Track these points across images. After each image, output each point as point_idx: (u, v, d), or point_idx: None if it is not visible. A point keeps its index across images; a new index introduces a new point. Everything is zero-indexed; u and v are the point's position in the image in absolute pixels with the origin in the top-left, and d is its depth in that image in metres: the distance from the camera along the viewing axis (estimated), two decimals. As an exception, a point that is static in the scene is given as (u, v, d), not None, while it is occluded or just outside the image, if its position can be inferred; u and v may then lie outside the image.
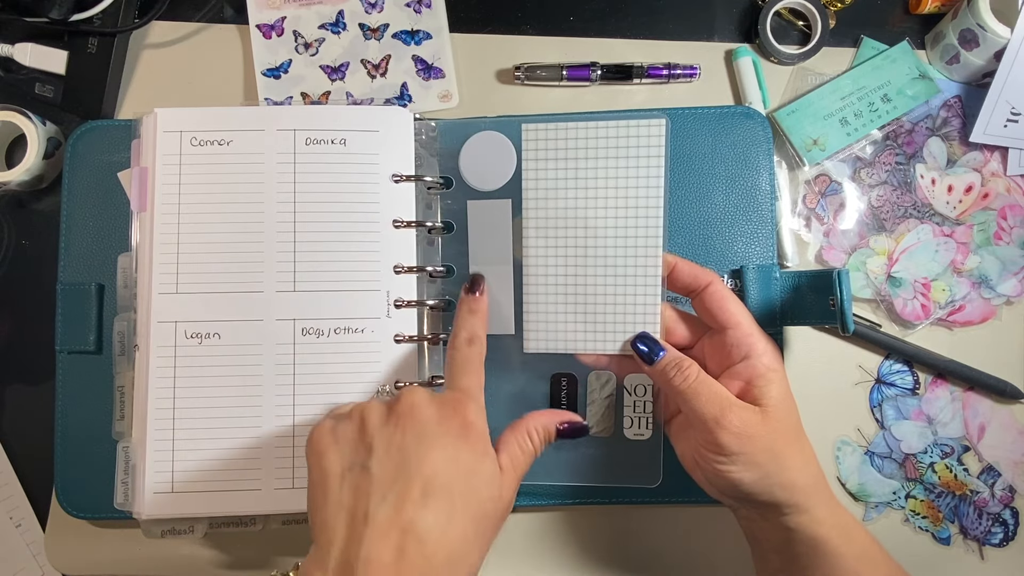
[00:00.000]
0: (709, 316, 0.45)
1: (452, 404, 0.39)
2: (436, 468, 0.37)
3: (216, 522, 0.51)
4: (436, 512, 0.36)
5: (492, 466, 0.39)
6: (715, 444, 0.41)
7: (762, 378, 0.43)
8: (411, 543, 0.35)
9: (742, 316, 0.44)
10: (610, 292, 0.46)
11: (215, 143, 0.50)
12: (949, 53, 0.56)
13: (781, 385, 0.43)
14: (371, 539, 0.35)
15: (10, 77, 0.58)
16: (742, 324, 0.44)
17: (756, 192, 0.53)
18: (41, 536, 0.56)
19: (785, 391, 0.43)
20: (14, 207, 0.58)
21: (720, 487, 0.43)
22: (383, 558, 0.34)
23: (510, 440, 0.41)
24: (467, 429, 0.39)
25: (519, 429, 0.42)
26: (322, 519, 0.37)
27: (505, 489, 0.39)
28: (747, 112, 0.54)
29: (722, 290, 0.45)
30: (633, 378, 0.49)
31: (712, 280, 0.45)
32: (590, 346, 0.46)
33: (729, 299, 0.44)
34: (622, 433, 0.50)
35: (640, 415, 0.49)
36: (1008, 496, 0.55)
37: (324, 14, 0.58)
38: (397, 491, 0.36)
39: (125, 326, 0.51)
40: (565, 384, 0.50)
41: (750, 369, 0.43)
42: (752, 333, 0.44)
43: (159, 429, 0.48)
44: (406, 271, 0.50)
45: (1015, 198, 0.57)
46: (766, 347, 0.44)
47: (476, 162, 0.51)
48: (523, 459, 0.41)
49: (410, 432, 0.38)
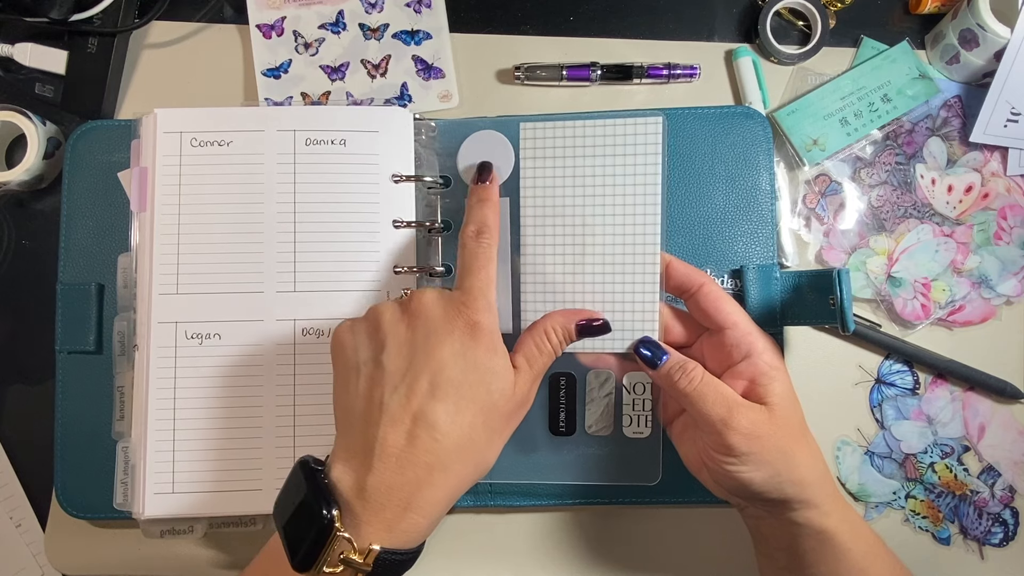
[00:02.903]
0: (705, 317, 0.45)
1: (457, 304, 0.41)
2: (443, 363, 0.39)
3: (216, 522, 0.51)
4: (444, 402, 0.38)
5: (501, 361, 0.41)
6: (724, 445, 0.41)
7: (765, 376, 0.43)
8: (421, 429, 0.38)
9: (738, 315, 0.44)
10: (608, 291, 0.46)
11: (215, 143, 0.50)
12: (949, 53, 0.56)
13: (784, 382, 0.43)
14: (385, 424, 0.38)
15: (10, 77, 0.58)
16: (739, 323, 0.44)
17: (756, 192, 0.53)
18: (41, 536, 0.56)
19: (788, 388, 0.43)
20: (14, 207, 0.58)
21: (730, 487, 0.43)
22: (398, 441, 0.38)
23: (527, 340, 0.43)
24: (473, 328, 0.40)
25: (536, 329, 0.43)
26: (344, 406, 0.41)
27: (520, 385, 0.41)
28: (747, 112, 0.54)
29: (716, 290, 0.45)
30: (632, 376, 0.49)
31: (705, 281, 0.45)
32: (587, 345, 0.46)
33: (723, 299, 0.44)
34: (621, 432, 0.50)
35: (639, 413, 0.49)
36: (1008, 496, 0.55)
37: (324, 14, 0.58)
38: (408, 383, 0.39)
39: (125, 326, 0.51)
40: (564, 383, 0.50)
41: (752, 368, 0.43)
42: (751, 332, 0.44)
43: (159, 429, 0.48)
44: (406, 271, 0.50)
45: (1015, 198, 0.57)
46: (766, 345, 0.44)
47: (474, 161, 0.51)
48: (540, 359, 0.43)
49: (420, 330, 0.40)
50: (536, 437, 0.50)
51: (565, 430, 0.50)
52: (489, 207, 0.45)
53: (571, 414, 0.50)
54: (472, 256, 0.43)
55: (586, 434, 0.50)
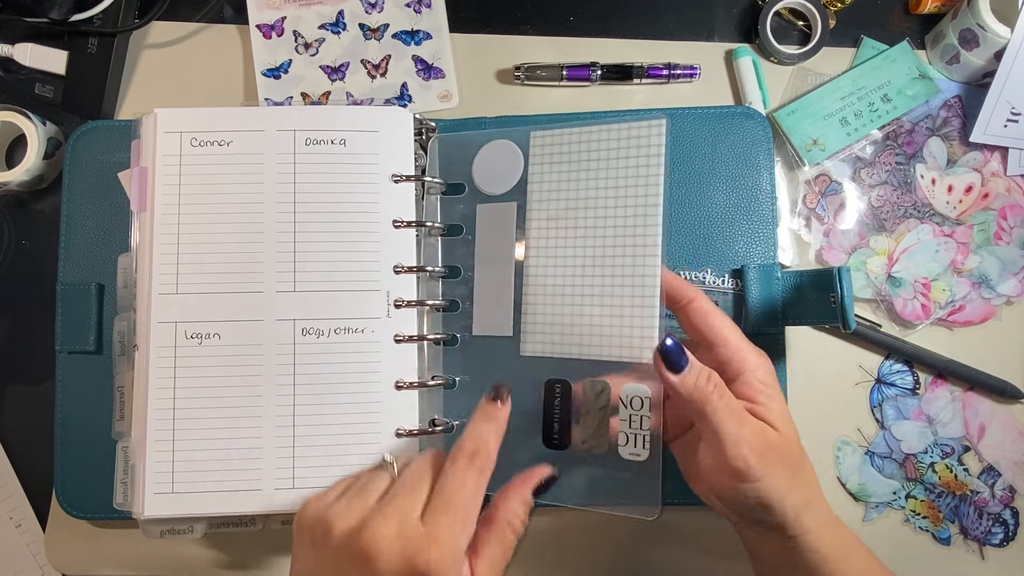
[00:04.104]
0: (695, 332, 0.44)
1: (415, 552, 0.36)
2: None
3: (216, 522, 0.51)
4: None
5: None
6: (736, 463, 0.39)
7: (762, 395, 0.41)
8: None
9: (729, 331, 0.43)
10: (607, 293, 0.45)
11: (215, 143, 0.50)
12: (949, 53, 0.56)
13: (781, 401, 0.42)
14: None
15: (10, 77, 0.58)
16: (730, 340, 0.42)
17: (757, 192, 0.53)
18: (41, 536, 0.56)
19: (785, 408, 0.42)
20: (14, 207, 0.58)
21: (735, 506, 0.41)
22: None
23: (487, 539, 0.39)
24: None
25: (497, 524, 0.39)
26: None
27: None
28: (747, 112, 0.54)
29: (706, 305, 0.43)
30: (629, 389, 0.45)
31: (696, 296, 0.43)
32: (586, 350, 0.46)
33: (713, 314, 0.43)
34: (616, 451, 0.45)
35: (636, 432, 0.44)
36: (1008, 496, 0.55)
37: (324, 14, 0.58)
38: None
39: (125, 326, 0.51)
40: (559, 391, 0.47)
41: (746, 387, 0.41)
42: (742, 348, 0.42)
43: (159, 429, 0.48)
44: (406, 271, 0.50)
45: (1015, 198, 0.57)
46: (758, 361, 0.42)
47: (487, 167, 0.51)
48: (504, 556, 0.39)
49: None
50: (529, 449, 0.47)
51: (559, 443, 0.47)
52: (494, 428, 0.41)
53: (565, 425, 0.47)
54: (458, 483, 0.38)
55: (580, 449, 0.46)
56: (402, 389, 0.48)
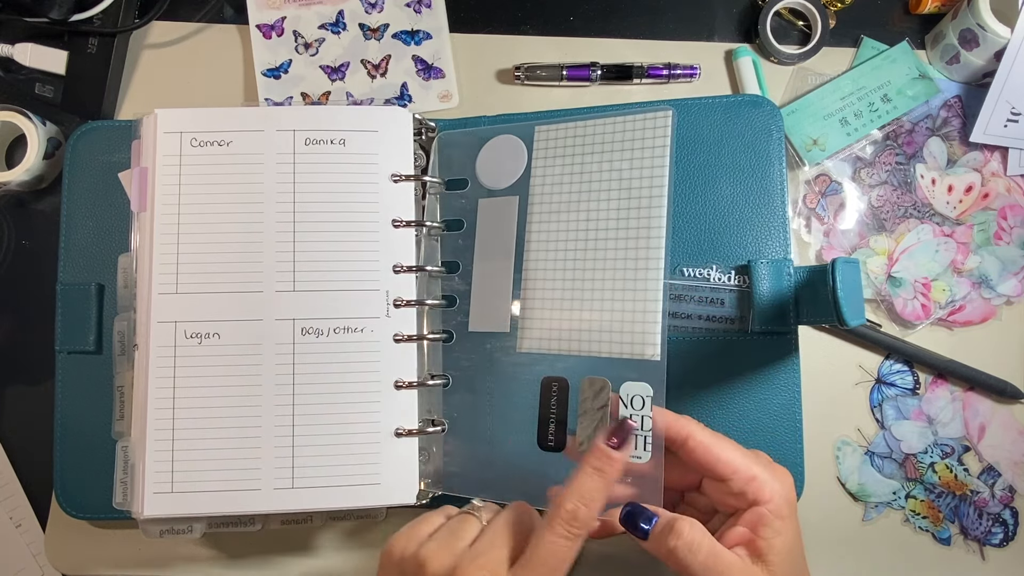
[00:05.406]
0: (701, 469, 0.41)
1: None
2: None
3: (215, 522, 0.51)
4: None
5: None
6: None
7: (768, 528, 0.39)
8: None
9: (737, 461, 0.40)
10: (609, 288, 0.45)
11: (215, 143, 0.50)
12: (949, 53, 0.56)
13: (788, 535, 0.39)
14: None
15: (10, 77, 0.58)
16: (739, 470, 0.40)
17: (767, 183, 0.51)
18: (41, 536, 0.56)
19: (792, 541, 0.39)
20: (14, 207, 0.58)
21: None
22: None
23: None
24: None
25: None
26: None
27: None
28: (756, 100, 0.52)
29: (705, 439, 0.40)
30: (630, 387, 0.43)
31: (691, 431, 0.41)
32: (584, 347, 0.45)
33: (715, 447, 0.40)
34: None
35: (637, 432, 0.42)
36: (1008, 496, 0.55)
37: (324, 14, 0.58)
38: None
39: (125, 326, 0.51)
40: (556, 390, 0.46)
41: (756, 516, 0.39)
42: (755, 477, 0.39)
43: (159, 429, 0.48)
44: (405, 270, 0.50)
45: (1015, 198, 0.57)
46: (774, 489, 0.39)
47: (491, 162, 0.51)
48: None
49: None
50: (523, 450, 0.46)
51: (555, 444, 0.45)
52: (601, 486, 0.38)
53: (562, 426, 0.45)
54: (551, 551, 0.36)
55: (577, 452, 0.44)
56: (401, 388, 0.48)
